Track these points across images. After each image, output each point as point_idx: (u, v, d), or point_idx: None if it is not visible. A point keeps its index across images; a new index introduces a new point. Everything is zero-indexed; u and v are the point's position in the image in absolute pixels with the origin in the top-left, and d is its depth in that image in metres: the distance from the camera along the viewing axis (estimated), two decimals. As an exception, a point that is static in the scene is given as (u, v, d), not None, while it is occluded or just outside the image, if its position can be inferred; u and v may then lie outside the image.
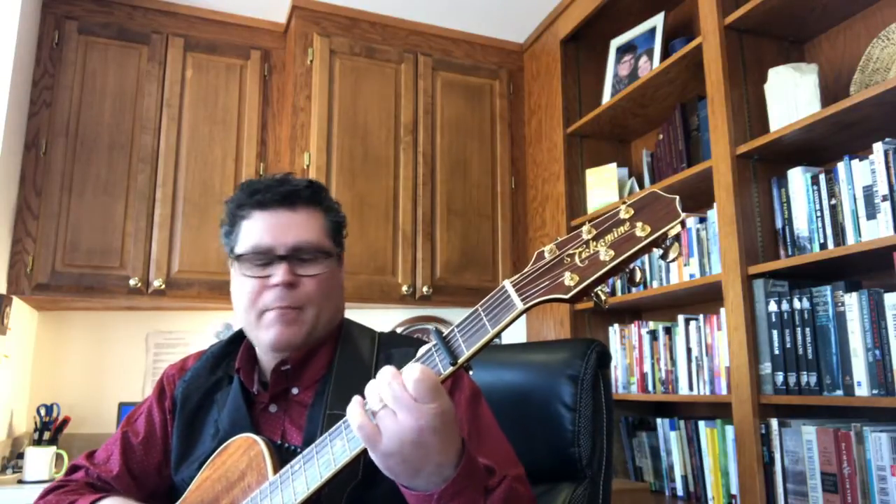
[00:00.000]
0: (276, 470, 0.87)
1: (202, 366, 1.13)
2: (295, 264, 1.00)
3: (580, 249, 0.69)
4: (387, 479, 0.90)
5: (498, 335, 0.71)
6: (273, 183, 1.05)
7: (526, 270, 0.71)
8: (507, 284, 0.71)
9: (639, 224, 0.67)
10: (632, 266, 0.69)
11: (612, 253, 0.67)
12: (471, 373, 0.76)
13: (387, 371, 0.72)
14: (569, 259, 0.69)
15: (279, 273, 0.98)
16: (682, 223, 0.66)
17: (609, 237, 0.68)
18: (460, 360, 0.72)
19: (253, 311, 1.01)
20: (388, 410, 0.70)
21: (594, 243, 0.68)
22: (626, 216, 0.68)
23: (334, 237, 1.08)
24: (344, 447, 0.78)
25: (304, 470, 0.81)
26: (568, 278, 0.68)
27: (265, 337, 1.01)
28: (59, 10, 2.58)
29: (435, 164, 2.86)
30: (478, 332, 0.71)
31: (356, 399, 0.74)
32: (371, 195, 2.72)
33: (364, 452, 0.76)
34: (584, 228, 0.69)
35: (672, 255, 0.67)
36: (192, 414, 1.08)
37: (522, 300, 0.70)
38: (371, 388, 0.73)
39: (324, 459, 0.79)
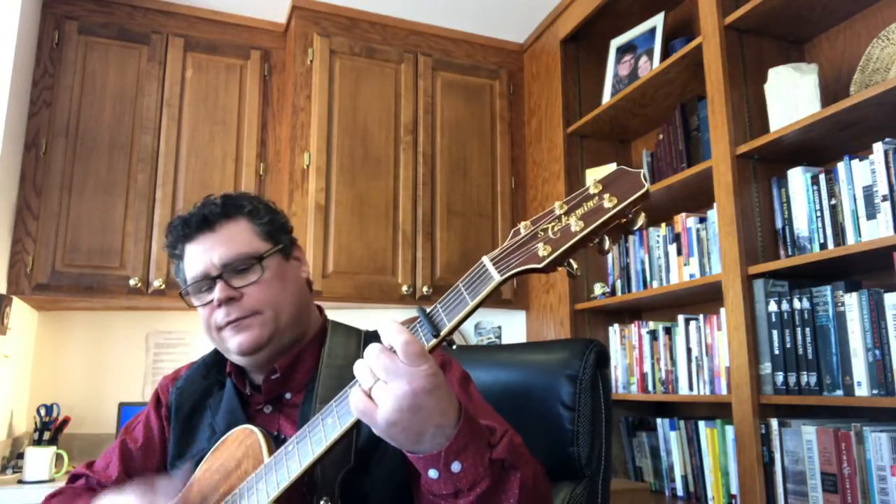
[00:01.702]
0: (271, 454, 0.89)
1: (194, 373, 1.16)
2: (231, 279, 1.03)
3: (553, 223, 0.73)
4: (380, 465, 0.92)
5: (477, 307, 0.74)
6: (189, 214, 1.08)
7: (503, 245, 0.75)
8: (485, 259, 0.75)
9: (606, 196, 0.71)
10: (602, 236, 0.73)
11: (581, 224, 0.71)
12: (454, 347, 0.78)
13: (373, 347, 0.74)
14: (542, 233, 0.73)
15: (216, 292, 1.01)
16: (647, 193, 0.70)
17: (579, 210, 0.72)
18: (443, 332, 0.74)
19: (213, 333, 1.05)
20: (381, 383, 0.73)
21: (566, 217, 0.72)
22: (595, 191, 0.72)
23: (269, 235, 1.08)
24: (334, 423, 0.80)
25: (297, 449, 0.83)
26: (541, 249, 0.72)
27: (231, 347, 1.03)
28: (59, 10, 2.58)
29: (435, 164, 2.86)
30: (458, 305, 0.74)
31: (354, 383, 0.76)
32: (371, 195, 2.72)
33: (357, 437, 0.77)
34: (557, 204, 0.74)
35: (639, 223, 0.71)
36: (187, 418, 1.11)
37: (499, 272, 0.73)
38: (360, 366, 0.75)
39: (316, 437, 0.81)
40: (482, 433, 0.78)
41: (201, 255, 1.04)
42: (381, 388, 0.72)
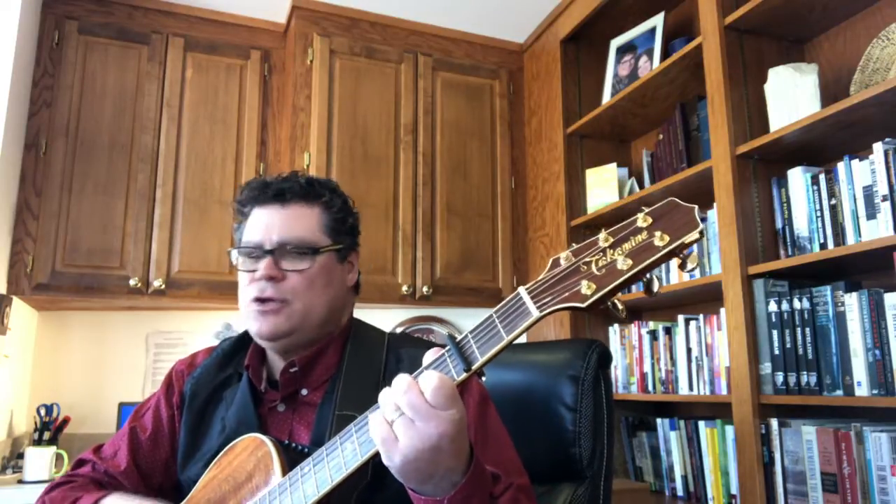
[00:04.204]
0: (284, 471, 0.87)
1: (212, 362, 1.13)
2: (280, 259, 1.03)
3: (597, 257, 0.68)
4: (395, 481, 0.91)
5: (512, 342, 0.70)
6: (271, 180, 1.09)
7: (541, 277, 0.70)
8: (521, 291, 0.70)
9: (657, 233, 0.66)
10: (649, 275, 0.68)
11: (629, 262, 0.66)
12: (483, 379, 0.76)
13: (402, 380, 0.71)
14: (585, 267, 0.68)
15: (261, 267, 1.02)
16: (701, 232, 0.65)
17: (627, 245, 0.67)
18: (474, 367, 0.71)
19: (244, 303, 1.04)
20: (406, 419, 0.70)
21: (611, 251, 0.67)
22: (645, 224, 0.67)
23: (334, 232, 1.09)
24: (355, 451, 0.77)
25: (313, 473, 0.81)
26: (585, 287, 0.67)
27: (253, 328, 1.03)
28: (59, 10, 2.58)
29: (435, 164, 2.86)
30: (492, 338, 0.70)
31: (378, 411, 0.74)
32: (371, 195, 2.72)
33: (373, 455, 0.76)
34: (601, 236, 0.68)
35: (690, 265, 0.67)
36: (201, 410, 1.08)
37: (538, 308, 0.68)
38: (386, 396, 0.72)
39: (334, 463, 0.79)
40: (487, 483, 0.77)
41: (264, 225, 1.05)
42: (406, 426, 0.70)
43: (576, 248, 0.70)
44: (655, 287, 0.68)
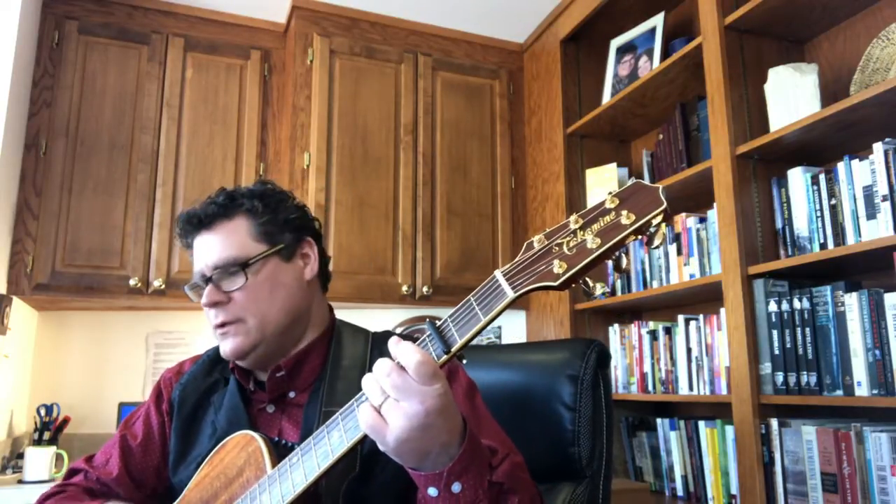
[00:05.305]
0: (274, 464, 0.88)
1: (199, 369, 1.15)
2: (221, 282, 1.03)
3: (568, 238, 0.71)
4: (384, 472, 0.91)
5: (490, 323, 0.72)
6: (193, 210, 1.08)
7: (516, 260, 0.73)
8: (497, 274, 0.73)
9: (624, 212, 0.69)
10: (618, 253, 0.71)
11: (598, 241, 0.69)
12: (464, 362, 0.77)
13: (383, 363, 0.72)
14: (557, 248, 0.71)
15: (203, 295, 1.03)
16: (666, 210, 0.68)
17: (595, 226, 0.70)
18: (453, 349, 0.73)
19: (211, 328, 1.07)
20: (392, 401, 0.71)
21: (581, 232, 0.71)
22: (612, 206, 0.70)
23: (268, 236, 1.05)
24: (341, 437, 0.79)
25: (301, 462, 0.82)
26: (557, 266, 0.70)
27: (221, 350, 1.05)
28: (59, 10, 2.58)
29: (435, 164, 2.86)
30: (470, 320, 0.73)
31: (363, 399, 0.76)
32: (371, 195, 2.72)
33: (361, 445, 0.78)
34: (572, 218, 0.72)
35: (657, 242, 0.70)
36: (190, 415, 1.09)
37: (513, 288, 0.71)
38: (369, 381, 0.73)
39: (321, 451, 0.80)
40: (484, 455, 0.78)
41: (199, 255, 1.06)
42: (393, 407, 0.71)
43: (548, 231, 0.73)
44: (624, 264, 0.71)
